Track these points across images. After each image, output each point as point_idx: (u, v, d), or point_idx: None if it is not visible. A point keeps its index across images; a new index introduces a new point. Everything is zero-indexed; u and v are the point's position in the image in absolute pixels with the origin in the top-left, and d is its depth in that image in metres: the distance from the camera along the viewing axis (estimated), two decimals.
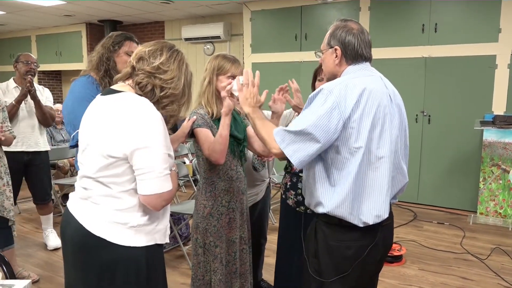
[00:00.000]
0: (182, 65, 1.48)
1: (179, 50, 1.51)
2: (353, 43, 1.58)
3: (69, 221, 1.43)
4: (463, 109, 4.70)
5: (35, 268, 3.31)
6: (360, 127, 1.48)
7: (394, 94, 1.66)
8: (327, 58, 1.66)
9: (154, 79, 1.42)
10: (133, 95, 1.40)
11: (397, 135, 1.61)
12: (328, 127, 1.45)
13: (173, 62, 1.45)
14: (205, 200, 2.04)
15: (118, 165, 1.35)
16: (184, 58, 1.50)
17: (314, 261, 1.63)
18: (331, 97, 1.47)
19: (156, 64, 1.42)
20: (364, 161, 1.50)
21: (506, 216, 4.42)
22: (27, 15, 6.92)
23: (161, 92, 1.42)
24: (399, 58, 4.96)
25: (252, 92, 1.70)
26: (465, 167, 4.77)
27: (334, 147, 1.51)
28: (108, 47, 2.12)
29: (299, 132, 1.47)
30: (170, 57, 1.45)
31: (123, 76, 1.47)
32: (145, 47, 1.46)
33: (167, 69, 1.43)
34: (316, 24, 5.45)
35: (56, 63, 8.24)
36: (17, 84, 3.44)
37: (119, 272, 1.38)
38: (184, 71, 1.48)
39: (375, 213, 1.54)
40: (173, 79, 1.44)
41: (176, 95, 1.46)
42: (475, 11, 4.52)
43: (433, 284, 3.08)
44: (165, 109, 1.46)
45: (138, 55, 1.45)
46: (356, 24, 1.62)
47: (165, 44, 1.48)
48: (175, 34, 7.41)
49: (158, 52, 1.44)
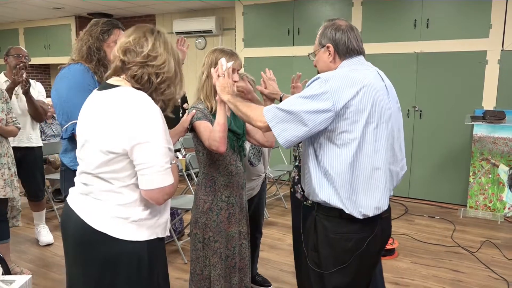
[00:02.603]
0: (168, 45, 1.45)
1: (159, 30, 1.47)
2: (343, 39, 1.63)
3: (70, 216, 1.42)
4: (454, 104, 4.75)
5: (28, 264, 3.28)
6: (355, 119, 1.50)
7: (391, 87, 1.69)
8: (321, 57, 1.70)
9: (148, 68, 1.39)
10: (130, 89, 1.39)
11: (393, 128, 1.63)
12: (318, 114, 1.48)
13: (160, 46, 1.42)
14: (205, 195, 2.04)
15: (118, 160, 1.34)
16: (167, 38, 1.47)
17: (313, 253, 1.65)
18: (326, 85, 1.49)
19: (145, 53, 1.39)
20: (360, 153, 1.52)
21: (495, 209, 4.50)
22: (14, 7, 6.78)
23: (157, 78, 1.40)
24: (391, 53, 4.99)
25: (227, 81, 1.80)
26: (455, 161, 4.83)
27: (328, 137, 1.54)
28: (97, 36, 2.01)
29: (290, 112, 1.51)
30: (155, 42, 1.42)
31: (114, 72, 1.45)
32: (128, 37, 1.42)
33: (157, 55, 1.40)
34: (309, 19, 5.45)
35: (44, 56, 8.10)
36: (8, 78, 3.38)
37: (122, 267, 1.38)
38: (171, 51, 1.45)
39: (375, 205, 1.56)
40: (165, 63, 1.42)
41: (171, 78, 1.44)
42: (466, 7, 4.56)
43: (425, 277, 3.13)
44: (163, 94, 1.44)
45: (123, 47, 1.41)
46: (343, 21, 1.67)
47: (145, 28, 1.45)
48: (166, 27, 7.34)
49: (143, 39, 1.41)
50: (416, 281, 3.07)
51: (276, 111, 1.55)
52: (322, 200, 1.59)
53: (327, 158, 1.55)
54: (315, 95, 1.49)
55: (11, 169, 2.79)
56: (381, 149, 1.55)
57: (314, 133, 1.52)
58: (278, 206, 4.89)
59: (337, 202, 1.56)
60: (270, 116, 1.55)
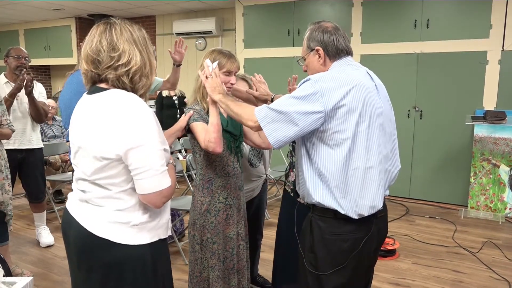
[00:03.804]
0: (126, 33, 1.35)
1: (112, 22, 1.36)
2: (332, 40, 1.64)
3: (71, 223, 1.41)
4: (454, 105, 4.75)
5: (29, 265, 3.27)
6: (345, 119, 1.50)
7: (381, 86, 1.70)
8: (311, 61, 1.70)
9: (117, 70, 1.33)
10: (120, 92, 1.34)
11: (385, 126, 1.63)
12: (309, 115, 1.48)
13: (118, 40, 1.32)
14: (202, 197, 2.03)
15: (112, 166, 1.31)
16: (123, 27, 1.35)
17: (310, 255, 1.65)
18: (316, 86, 1.50)
19: (107, 56, 1.31)
20: (353, 153, 1.52)
21: (496, 210, 4.49)
22: (14, 8, 6.79)
23: (128, 77, 1.34)
24: (391, 53, 4.99)
25: (217, 81, 1.81)
26: (456, 162, 4.83)
27: (320, 138, 1.54)
28: None
29: (281, 112, 1.52)
30: (111, 39, 1.32)
31: (90, 85, 1.39)
32: (88, 45, 1.34)
33: (119, 52, 1.32)
34: (309, 20, 5.42)
35: (44, 57, 8.12)
36: (8, 80, 3.37)
37: (126, 272, 1.36)
38: (132, 39, 1.35)
39: (370, 204, 1.56)
40: (130, 56, 1.33)
41: (140, 68, 1.36)
42: (466, 7, 4.56)
43: (426, 278, 3.12)
44: (139, 88, 1.38)
45: (88, 58, 1.34)
46: (329, 22, 1.68)
47: (99, 28, 1.35)
48: (166, 29, 7.35)
49: (98, 44, 1.32)
50: (417, 281, 3.06)
51: (267, 110, 1.55)
52: (317, 201, 1.59)
53: (320, 159, 1.56)
54: (305, 96, 1.50)
55: (3, 172, 2.73)
56: (374, 148, 1.55)
57: (305, 133, 1.53)
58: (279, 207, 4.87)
59: (332, 203, 1.56)
60: (261, 115, 1.56)
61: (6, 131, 2.78)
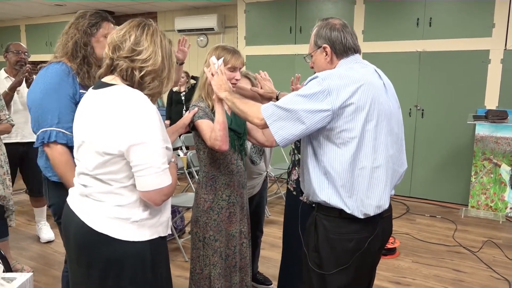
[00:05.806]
0: (156, 37, 1.40)
1: (149, 23, 1.41)
2: (339, 38, 1.61)
3: (71, 218, 1.41)
4: (456, 104, 4.73)
5: (29, 261, 3.28)
6: (353, 117, 1.48)
7: (389, 85, 1.68)
8: (318, 59, 1.67)
9: (133, 63, 1.36)
10: (125, 88, 1.36)
11: (393, 126, 1.62)
12: (316, 113, 1.47)
13: (146, 38, 1.37)
14: (206, 194, 2.03)
15: (114, 162, 1.32)
16: (156, 30, 1.42)
17: (314, 254, 1.64)
18: (323, 84, 1.48)
19: (129, 47, 1.35)
20: (360, 152, 1.51)
21: (497, 209, 4.48)
22: (16, 3, 6.78)
23: (140, 72, 1.36)
24: (394, 52, 4.97)
25: (223, 79, 1.80)
26: (457, 161, 4.82)
27: (327, 137, 1.53)
28: (85, 29, 1.84)
29: (288, 110, 1.50)
30: (140, 35, 1.37)
31: (105, 71, 1.42)
32: (116, 33, 1.39)
33: (142, 48, 1.36)
34: (311, 17, 5.43)
35: (46, 53, 8.09)
36: (8, 75, 3.37)
37: (125, 268, 1.37)
38: (159, 44, 1.40)
39: (376, 204, 1.55)
40: (150, 56, 1.37)
41: (156, 70, 1.39)
42: (469, 6, 4.54)
43: (427, 276, 3.12)
44: (148, 87, 1.39)
45: (112, 44, 1.38)
46: (337, 19, 1.65)
47: (134, 23, 1.40)
48: (168, 25, 7.33)
49: (127, 34, 1.37)
50: (418, 280, 3.06)
51: (274, 108, 1.54)
52: (323, 200, 1.58)
53: (327, 157, 1.54)
54: (312, 94, 1.48)
55: (3, 167, 2.74)
56: (381, 147, 1.54)
57: (311, 131, 1.51)
58: (279, 204, 4.88)
59: (337, 202, 1.55)
60: (268, 113, 1.54)
61: (6, 126, 2.79)
